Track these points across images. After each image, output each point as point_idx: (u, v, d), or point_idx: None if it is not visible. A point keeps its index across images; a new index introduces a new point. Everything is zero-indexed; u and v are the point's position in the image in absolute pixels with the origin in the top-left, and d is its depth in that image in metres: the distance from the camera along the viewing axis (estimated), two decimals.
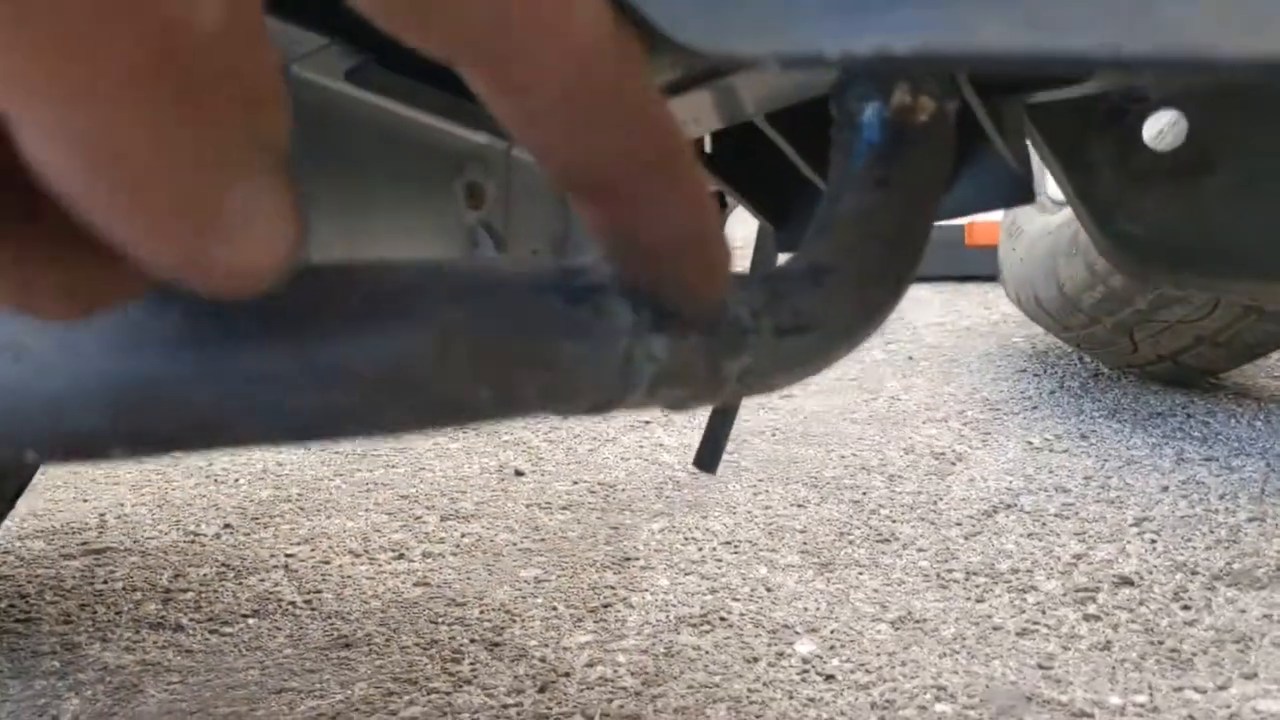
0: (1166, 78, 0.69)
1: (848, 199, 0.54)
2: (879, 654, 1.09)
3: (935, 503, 1.54)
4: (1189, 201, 0.76)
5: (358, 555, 1.44)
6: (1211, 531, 1.39)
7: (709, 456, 0.93)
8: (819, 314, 0.47)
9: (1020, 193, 0.75)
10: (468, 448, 1.95)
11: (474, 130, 0.67)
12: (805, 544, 1.41)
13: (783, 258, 0.51)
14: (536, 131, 0.27)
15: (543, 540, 1.47)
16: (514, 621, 1.21)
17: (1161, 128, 0.72)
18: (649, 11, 0.32)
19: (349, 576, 1.36)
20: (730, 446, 1.88)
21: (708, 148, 0.77)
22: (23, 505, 1.65)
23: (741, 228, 0.97)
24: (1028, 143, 0.75)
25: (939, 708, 0.97)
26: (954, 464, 1.73)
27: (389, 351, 0.30)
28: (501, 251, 0.69)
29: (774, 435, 1.97)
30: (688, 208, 0.30)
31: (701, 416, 2.02)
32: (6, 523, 1.57)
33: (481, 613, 1.23)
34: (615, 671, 1.08)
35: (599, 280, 0.37)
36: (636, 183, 0.29)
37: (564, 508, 1.61)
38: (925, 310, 3.17)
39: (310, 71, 0.57)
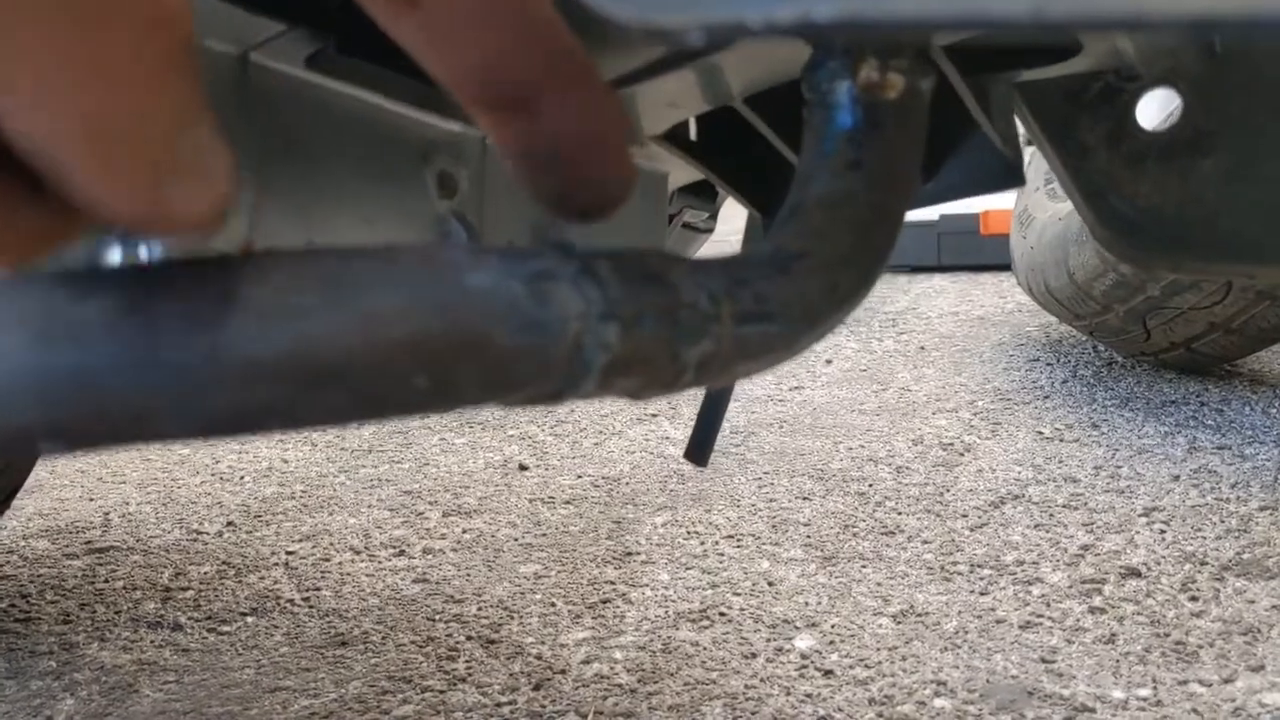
0: (1153, 56, 0.67)
1: (818, 182, 0.52)
2: (879, 649, 1.07)
3: (942, 494, 1.52)
4: (1184, 183, 0.74)
5: (358, 552, 1.43)
6: (1222, 521, 1.36)
7: (699, 448, 0.91)
8: (784, 301, 0.45)
9: (1010, 176, 0.74)
10: (473, 443, 1.94)
11: (446, 119, 0.66)
12: (809, 537, 1.39)
13: None
14: (436, 48, 0.29)
15: (544, 535, 1.46)
16: (512, 618, 1.20)
17: (1172, 110, 0.71)
18: None
19: (348, 574, 1.35)
20: (736, 439, 1.86)
21: (693, 135, 0.76)
22: (29, 504, 1.65)
23: (735, 220, 0.96)
24: (1018, 124, 0.73)
25: (938, 703, 0.96)
26: (962, 455, 1.71)
27: (309, 340, 0.28)
28: (474, 242, 0.68)
29: (781, 427, 1.95)
30: (589, 106, 0.32)
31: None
32: (12, 522, 1.57)
33: (479, 609, 1.22)
34: (611, 668, 1.07)
35: (546, 265, 0.35)
36: (537, 85, 0.31)
37: (567, 502, 1.60)
38: (939, 300, 3.15)
39: (268, 59, 0.56)
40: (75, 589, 1.34)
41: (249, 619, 1.23)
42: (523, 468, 1.79)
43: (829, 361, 2.46)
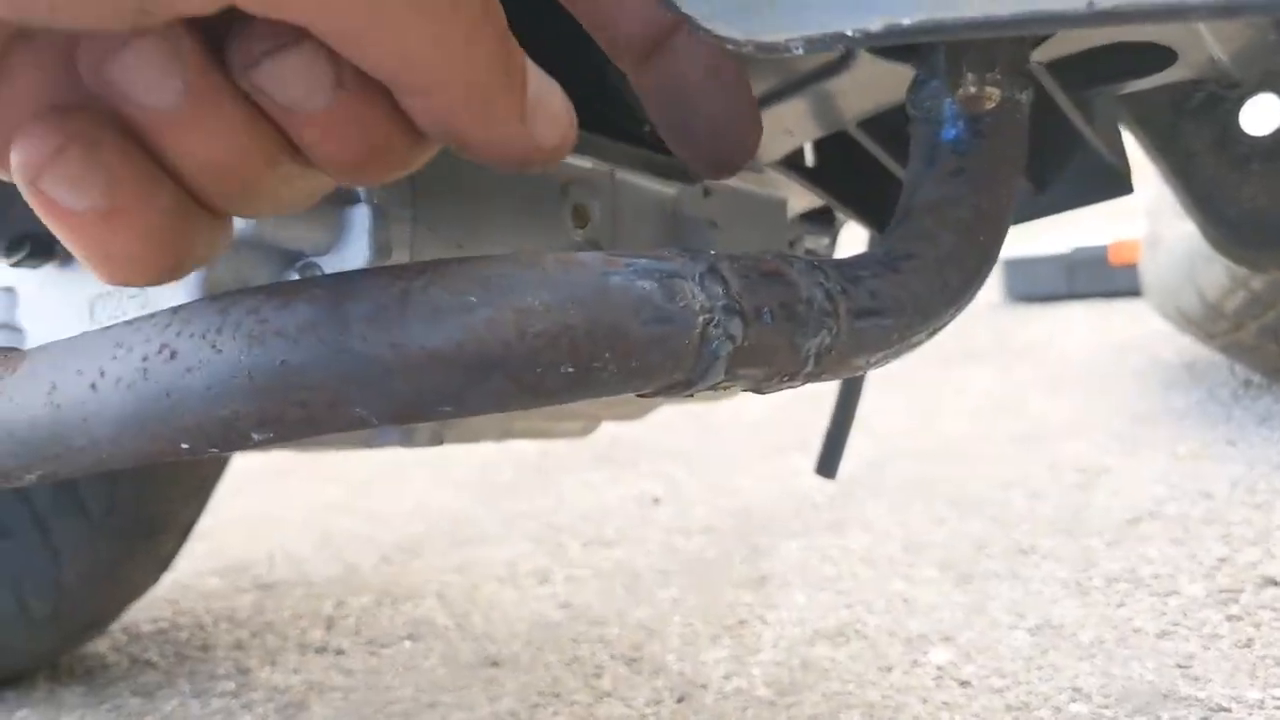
0: (1247, 62, 0.69)
1: (924, 189, 0.57)
2: (1015, 659, 1.08)
3: (1077, 515, 1.52)
4: None
5: (504, 581, 1.50)
6: None
7: (828, 461, 0.95)
8: (896, 297, 0.50)
9: (1118, 184, 0.77)
10: (609, 479, 2.00)
11: (581, 156, 0.71)
12: (943, 558, 1.41)
13: None
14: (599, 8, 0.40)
15: (681, 562, 1.51)
16: (652, 639, 1.24)
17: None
18: (690, 10, 0.37)
19: (496, 601, 1.42)
20: (870, 469, 1.88)
21: (809, 160, 0.80)
22: (200, 546, 1.76)
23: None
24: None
25: (1074, 708, 0.97)
26: (1097, 477, 1.70)
27: (473, 333, 0.34)
28: None
29: (915, 456, 1.97)
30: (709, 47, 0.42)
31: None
32: (185, 563, 1.69)
33: (621, 631, 1.27)
34: (750, 683, 1.10)
35: (674, 266, 0.41)
36: (670, 30, 0.41)
37: (701, 531, 1.64)
38: (1071, 328, 3.11)
39: None
40: (246, 620, 1.44)
41: (406, 643, 1.31)
42: (656, 501, 1.84)
43: (960, 392, 2.46)
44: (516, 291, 0.35)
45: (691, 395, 0.44)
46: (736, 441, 2.21)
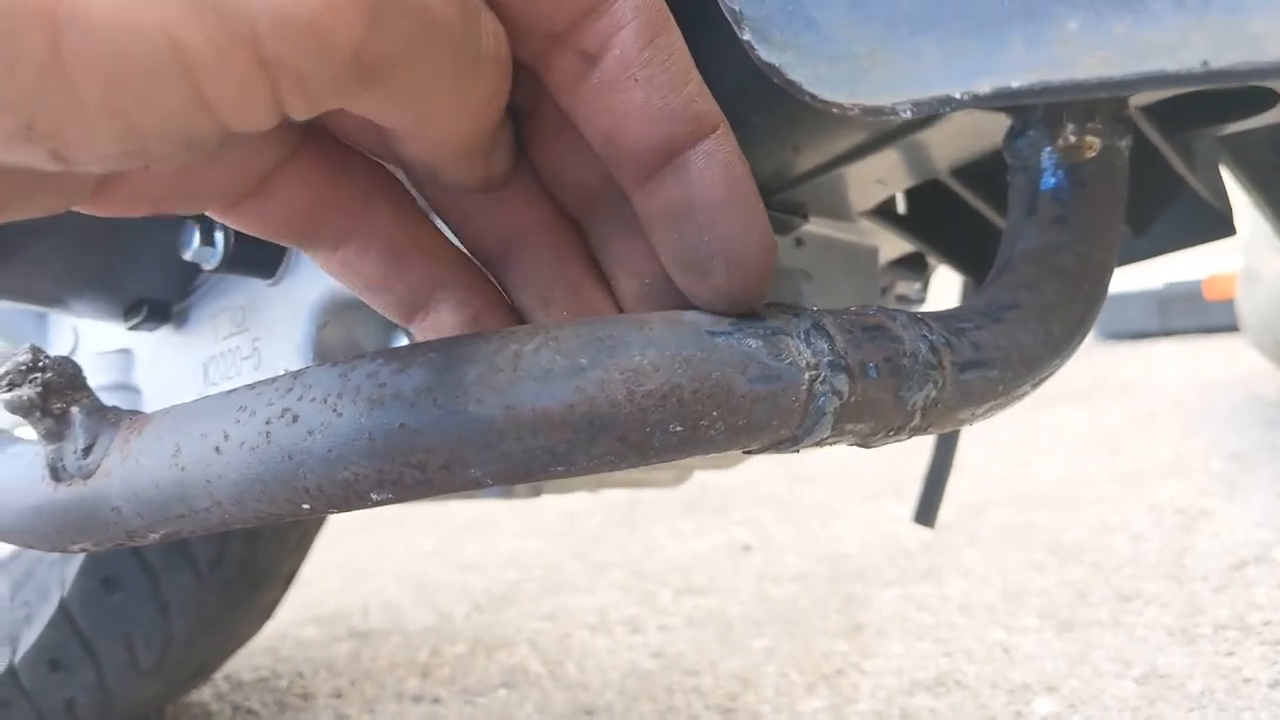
0: None
1: (1025, 238, 0.56)
2: (1122, 710, 1.06)
3: (1180, 559, 1.48)
4: None
5: (596, 629, 1.50)
6: None
7: (926, 510, 0.94)
8: (1001, 348, 0.50)
9: (1220, 227, 0.75)
10: (698, 528, 2.00)
11: None
12: (1043, 606, 1.38)
13: None
14: (605, 107, 0.35)
15: (773, 611, 1.49)
16: (747, 689, 1.23)
17: None
18: (795, 75, 0.37)
19: (589, 649, 1.42)
20: (965, 514, 1.85)
21: (901, 208, 0.80)
22: (299, 596, 1.79)
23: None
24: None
25: None
26: (1198, 519, 1.66)
27: (584, 394, 0.35)
28: None
29: (1011, 501, 1.93)
30: (727, 159, 0.36)
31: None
32: (284, 612, 1.72)
33: (715, 681, 1.27)
34: None
35: (778, 323, 0.41)
36: (685, 142, 0.35)
37: (794, 579, 1.63)
38: (1166, 366, 3.04)
39: None
40: (344, 668, 1.46)
41: (501, 692, 1.31)
42: (747, 548, 1.83)
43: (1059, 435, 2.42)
44: (625, 352, 0.35)
45: (797, 450, 0.44)
46: (828, 488, 2.20)
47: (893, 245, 0.86)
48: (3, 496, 0.47)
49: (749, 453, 0.42)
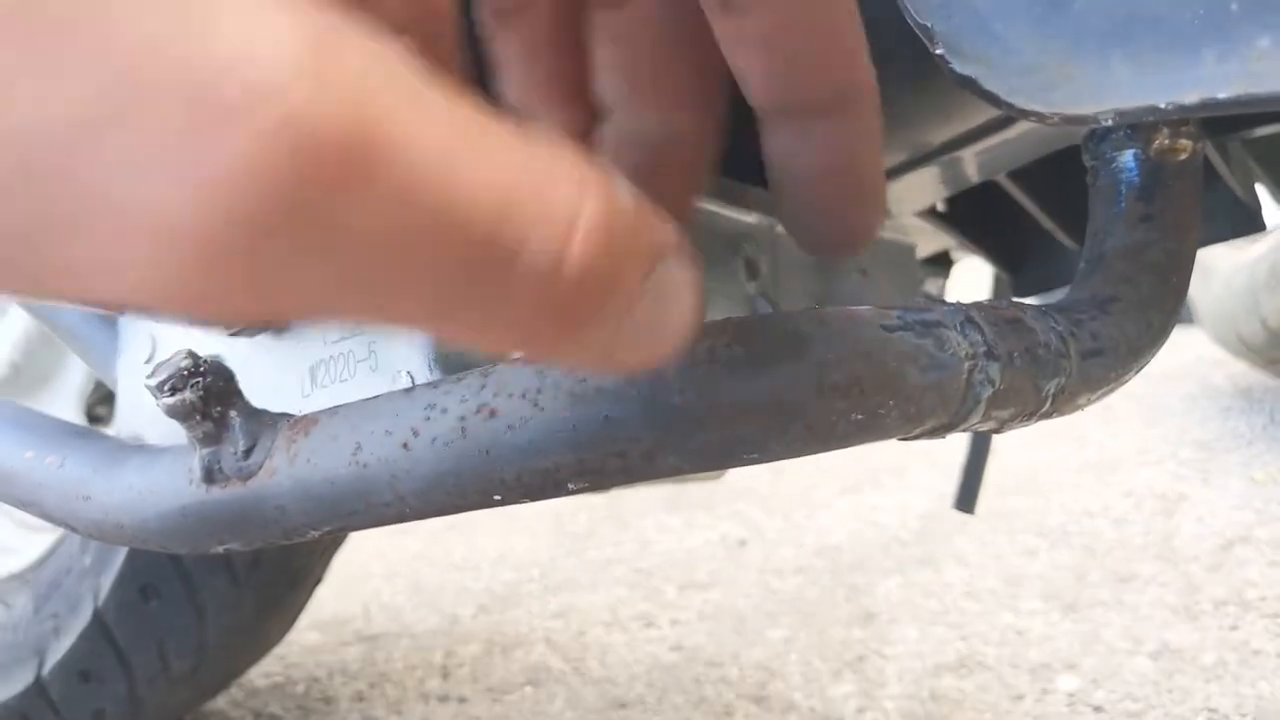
0: None
1: (1115, 235, 0.60)
2: (1143, 684, 1.11)
3: (1168, 541, 1.55)
4: None
5: (609, 626, 1.52)
6: None
7: (967, 497, 0.98)
8: (1113, 338, 0.54)
9: (1251, 222, 0.80)
10: (687, 522, 2.03)
11: (749, 212, 0.75)
12: (1045, 589, 1.43)
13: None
14: (750, 49, 0.33)
15: (782, 602, 1.53)
16: (774, 677, 1.27)
17: None
18: (990, 86, 0.40)
19: (607, 645, 1.44)
20: (947, 503, 1.90)
21: (940, 206, 0.83)
22: None
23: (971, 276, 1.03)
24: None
25: None
26: (1178, 503, 1.73)
27: (778, 387, 0.37)
28: None
29: (988, 489, 1.98)
30: (861, 137, 0.37)
31: (902, 477, 2.05)
32: None
33: (741, 671, 1.30)
34: (885, 715, 1.13)
35: (937, 316, 0.44)
36: (824, 106, 0.36)
37: (795, 572, 1.67)
38: None
39: None
40: (360, 671, 1.46)
41: (527, 689, 1.33)
42: (742, 543, 1.87)
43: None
44: (812, 346, 0.38)
45: (945, 437, 0.47)
46: (803, 480, 2.24)
47: (927, 243, 0.90)
48: (141, 499, 0.48)
49: (905, 439, 0.45)
